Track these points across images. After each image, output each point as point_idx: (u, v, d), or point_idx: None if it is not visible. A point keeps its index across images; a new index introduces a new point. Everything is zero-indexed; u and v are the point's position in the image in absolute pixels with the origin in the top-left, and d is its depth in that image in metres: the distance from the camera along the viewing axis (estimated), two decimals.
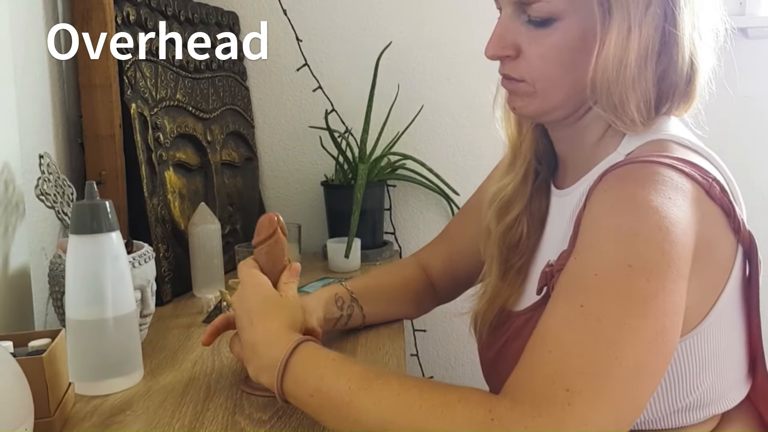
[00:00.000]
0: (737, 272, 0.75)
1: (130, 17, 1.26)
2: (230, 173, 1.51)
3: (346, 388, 0.67)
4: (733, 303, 0.76)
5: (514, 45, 0.79)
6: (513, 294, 0.88)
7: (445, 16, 1.67)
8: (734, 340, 0.77)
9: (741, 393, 0.81)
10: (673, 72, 0.76)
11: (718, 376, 0.76)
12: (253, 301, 0.80)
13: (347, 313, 0.99)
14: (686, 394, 0.76)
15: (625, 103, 0.75)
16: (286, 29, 1.64)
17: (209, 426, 0.76)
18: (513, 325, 0.85)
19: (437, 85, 1.68)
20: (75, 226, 0.84)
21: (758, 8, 1.70)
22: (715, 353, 0.75)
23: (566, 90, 0.78)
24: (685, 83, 0.77)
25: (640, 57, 0.74)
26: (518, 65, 0.79)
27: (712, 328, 0.74)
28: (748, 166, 0.86)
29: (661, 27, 0.74)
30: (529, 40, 0.77)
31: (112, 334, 0.85)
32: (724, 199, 0.72)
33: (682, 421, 0.78)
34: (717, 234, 0.72)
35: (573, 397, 0.58)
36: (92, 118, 1.20)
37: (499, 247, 0.89)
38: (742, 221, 0.74)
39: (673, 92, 0.77)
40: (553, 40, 0.76)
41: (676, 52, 0.75)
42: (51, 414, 0.74)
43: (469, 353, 1.81)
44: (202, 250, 1.25)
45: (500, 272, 0.89)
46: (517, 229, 0.88)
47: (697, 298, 0.71)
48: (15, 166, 1.00)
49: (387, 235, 1.69)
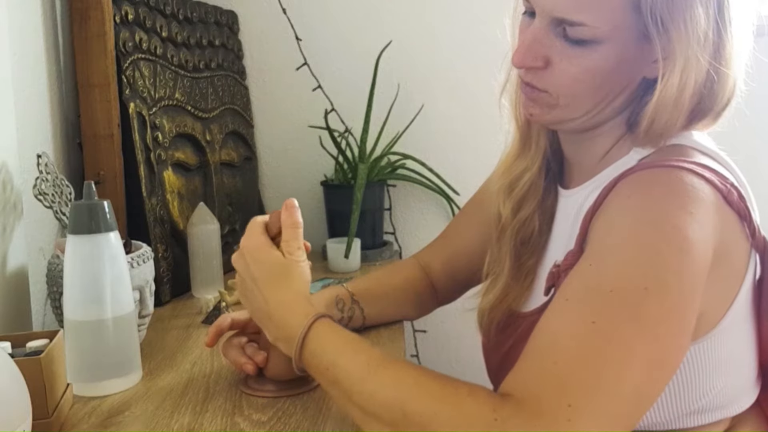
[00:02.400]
0: (750, 276, 0.75)
1: (128, 16, 1.25)
2: (229, 173, 1.51)
3: (365, 364, 0.69)
4: (746, 307, 0.76)
5: (545, 57, 0.76)
6: (522, 294, 0.88)
7: (445, 16, 1.66)
8: (746, 344, 0.77)
9: (751, 397, 0.80)
10: (712, 101, 0.75)
11: (729, 380, 0.76)
12: (255, 267, 0.79)
13: (348, 315, 0.99)
14: (698, 398, 0.75)
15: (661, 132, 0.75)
16: (286, 29, 1.63)
17: (208, 427, 0.76)
18: (521, 327, 0.85)
19: (437, 85, 1.68)
20: (73, 226, 0.83)
21: (760, 8, 1.70)
22: (727, 358, 0.75)
23: (588, 107, 0.78)
24: (721, 109, 0.77)
25: (694, 95, 0.73)
26: (545, 77, 0.77)
27: (725, 332, 0.74)
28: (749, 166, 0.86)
29: (710, 64, 0.73)
30: (562, 56, 0.75)
31: (111, 335, 0.84)
32: (741, 205, 0.72)
33: (692, 423, 0.77)
34: (733, 240, 0.72)
35: (574, 413, 0.59)
36: (90, 117, 1.20)
37: (513, 242, 0.89)
38: (758, 226, 0.74)
39: (705, 114, 0.77)
40: (589, 62, 0.74)
41: (720, 87, 0.74)
42: (49, 415, 0.74)
43: (469, 354, 1.80)
44: (201, 250, 1.25)
45: (512, 269, 0.89)
46: (530, 225, 0.88)
47: (711, 304, 0.71)
48: (13, 166, 1.00)
49: (387, 235, 1.68)
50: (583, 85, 0.76)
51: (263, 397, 0.83)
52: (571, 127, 0.81)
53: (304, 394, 0.83)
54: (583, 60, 0.74)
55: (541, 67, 0.77)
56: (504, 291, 0.89)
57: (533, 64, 0.77)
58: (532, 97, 0.80)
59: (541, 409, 0.59)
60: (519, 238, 0.88)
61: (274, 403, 0.81)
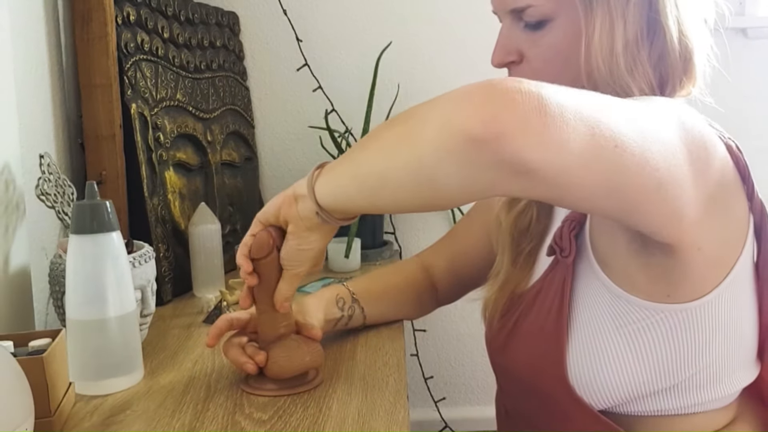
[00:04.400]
0: (749, 247, 0.76)
1: (130, 17, 1.26)
2: (230, 173, 1.52)
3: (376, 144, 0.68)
4: (746, 277, 0.77)
5: (517, 51, 0.82)
6: (523, 279, 0.89)
7: (445, 16, 1.67)
8: (745, 317, 0.78)
9: (749, 376, 0.81)
10: (667, 55, 0.78)
11: (727, 348, 0.77)
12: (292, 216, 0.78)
13: (348, 314, 0.99)
14: (692, 364, 0.76)
15: (628, 89, 0.77)
16: (286, 29, 1.64)
17: (209, 426, 0.76)
18: (523, 303, 0.86)
19: (437, 85, 1.67)
20: (75, 226, 0.84)
21: (758, 8, 1.70)
22: (726, 323, 0.76)
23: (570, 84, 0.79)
24: (683, 63, 0.79)
25: (629, 45, 0.77)
26: (523, 69, 0.82)
27: (724, 296, 0.75)
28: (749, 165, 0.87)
29: (645, 15, 0.77)
30: (529, 44, 0.81)
31: (113, 334, 0.85)
32: (741, 160, 0.75)
33: (692, 401, 0.78)
34: (735, 188, 0.75)
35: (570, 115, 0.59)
36: (92, 118, 1.20)
37: (510, 234, 0.91)
38: (756, 191, 0.77)
39: (673, 73, 0.79)
40: (549, 39, 0.79)
41: (664, 36, 0.78)
42: (51, 414, 0.74)
43: (469, 353, 1.81)
44: (202, 250, 1.25)
45: (512, 257, 0.90)
46: (527, 215, 0.90)
47: (719, 247, 0.73)
48: (15, 166, 1.00)
49: (387, 235, 1.69)
50: (554, 64, 0.80)
51: (264, 396, 0.83)
52: None
53: (304, 393, 0.83)
54: (545, 40, 0.79)
55: (518, 61, 0.82)
56: (506, 278, 0.90)
57: (509, 59, 0.83)
58: None
59: None
60: (517, 228, 0.90)
61: (274, 401, 0.82)
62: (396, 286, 1.07)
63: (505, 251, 0.91)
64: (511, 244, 0.91)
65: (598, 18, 0.76)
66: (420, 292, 1.07)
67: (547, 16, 0.78)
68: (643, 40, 0.77)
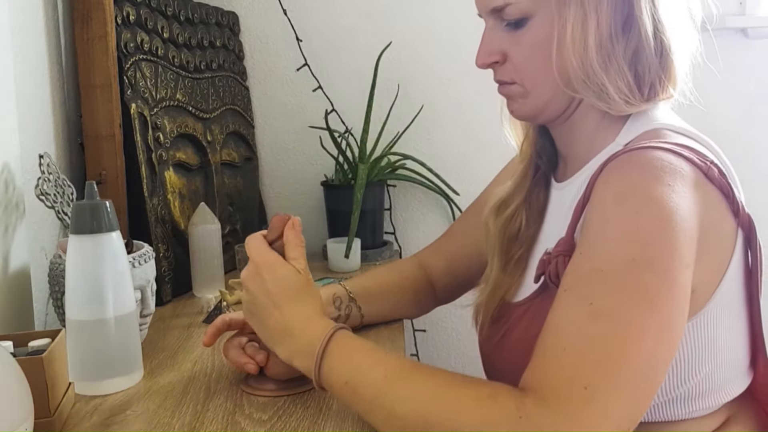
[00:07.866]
0: (738, 257, 0.76)
1: (130, 17, 1.26)
2: (230, 173, 1.51)
3: (382, 378, 0.70)
4: (735, 289, 0.76)
5: (500, 51, 0.83)
6: (513, 285, 0.89)
7: (445, 16, 1.67)
8: (735, 329, 0.78)
9: (741, 385, 0.81)
10: (642, 50, 0.78)
11: (717, 363, 0.77)
12: (273, 283, 0.79)
13: (345, 313, 0.99)
14: (685, 380, 0.76)
15: (603, 87, 0.77)
16: (286, 29, 1.64)
17: (209, 426, 0.76)
18: (512, 317, 0.86)
19: (437, 85, 1.68)
20: (75, 226, 0.84)
21: (758, 8, 1.70)
22: (714, 340, 0.76)
23: (552, 83, 0.80)
24: (659, 59, 0.79)
25: (602, 40, 0.76)
26: (507, 69, 0.83)
27: (713, 312, 0.75)
28: (748, 165, 0.86)
29: (620, 10, 0.77)
30: (511, 43, 0.81)
31: (112, 334, 0.85)
32: (723, 181, 0.74)
33: (680, 411, 0.78)
34: (718, 217, 0.74)
35: (591, 393, 0.61)
36: (92, 118, 1.20)
37: (499, 240, 0.91)
38: (742, 204, 0.76)
39: (649, 70, 0.78)
40: (529, 38, 0.80)
41: (638, 31, 0.77)
42: (51, 414, 0.74)
43: (469, 353, 1.81)
44: (202, 250, 1.25)
45: (501, 263, 0.90)
46: (516, 220, 0.90)
47: (700, 282, 0.72)
48: (15, 166, 1.00)
49: (387, 235, 1.69)
50: (536, 62, 0.80)
51: (264, 396, 0.83)
52: (550, 115, 0.84)
53: (304, 393, 0.84)
54: (525, 38, 0.80)
55: (502, 61, 0.83)
56: (496, 283, 0.90)
57: (492, 59, 0.83)
58: (507, 93, 0.85)
59: (560, 396, 0.61)
60: (506, 234, 0.90)
61: (274, 401, 0.82)
62: (393, 284, 1.07)
63: (494, 257, 0.91)
64: (500, 250, 0.91)
65: (571, 13, 0.76)
66: (418, 291, 1.07)
67: (526, 14, 0.79)
68: (617, 36, 0.77)
